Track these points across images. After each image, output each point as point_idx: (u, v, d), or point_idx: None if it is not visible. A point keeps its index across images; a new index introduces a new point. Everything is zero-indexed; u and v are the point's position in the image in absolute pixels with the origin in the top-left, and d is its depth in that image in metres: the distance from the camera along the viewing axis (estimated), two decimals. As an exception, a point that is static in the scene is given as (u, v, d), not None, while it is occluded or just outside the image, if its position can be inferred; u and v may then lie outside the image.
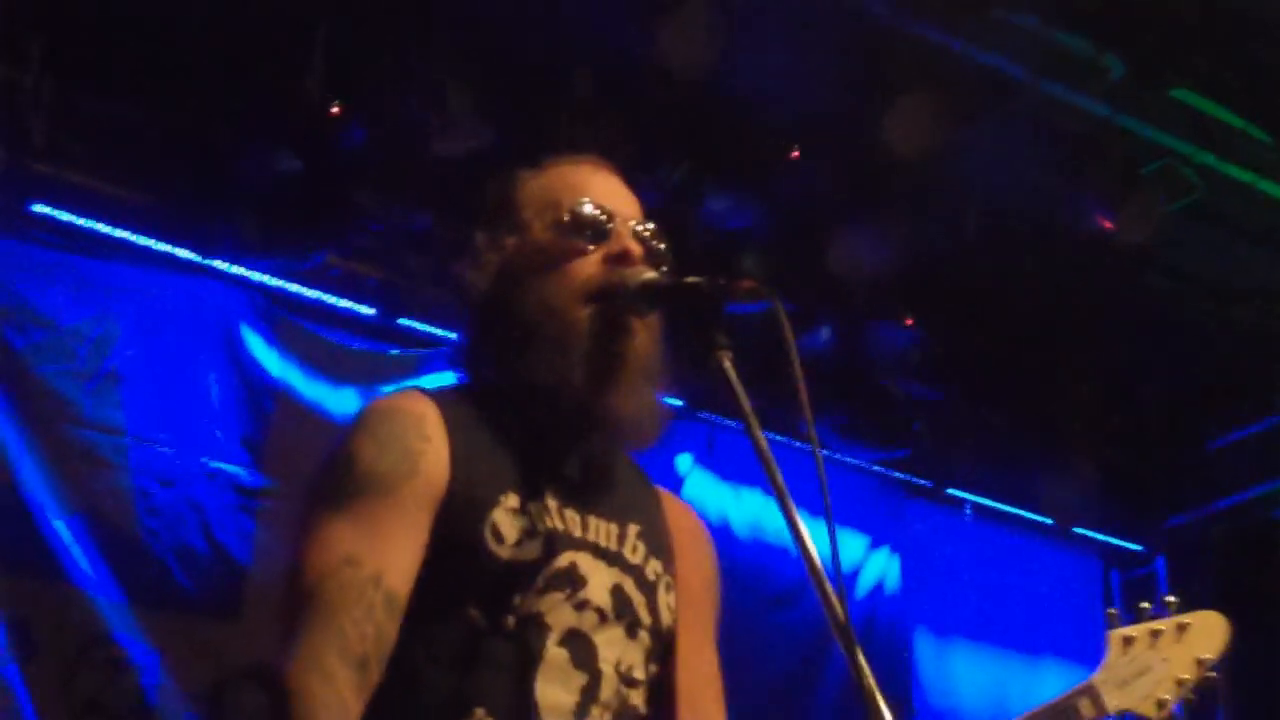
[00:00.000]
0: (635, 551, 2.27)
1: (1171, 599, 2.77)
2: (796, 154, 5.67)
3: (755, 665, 5.91)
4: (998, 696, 7.22)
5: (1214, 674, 2.69)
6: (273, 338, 5.51)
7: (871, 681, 1.81)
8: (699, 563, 2.41)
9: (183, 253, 5.46)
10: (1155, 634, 2.68)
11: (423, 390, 2.23)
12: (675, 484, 6.29)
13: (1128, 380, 7.01)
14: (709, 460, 6.41)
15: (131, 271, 5.32)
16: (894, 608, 6.93)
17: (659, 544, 2.32)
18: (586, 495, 2.24)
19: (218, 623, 5.08)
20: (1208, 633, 2.70)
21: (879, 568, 6.93)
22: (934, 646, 7.11)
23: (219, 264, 5.46)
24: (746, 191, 5.83)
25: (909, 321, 6.35)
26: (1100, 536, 7.74)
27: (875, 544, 6.95)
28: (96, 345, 5.13)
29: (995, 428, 6.82)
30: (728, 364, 2.06)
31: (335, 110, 5.08)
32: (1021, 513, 7.36)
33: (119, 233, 5.35)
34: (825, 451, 6.15)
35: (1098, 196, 5.87)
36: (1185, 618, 2.71)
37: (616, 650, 2.19)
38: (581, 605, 2.16)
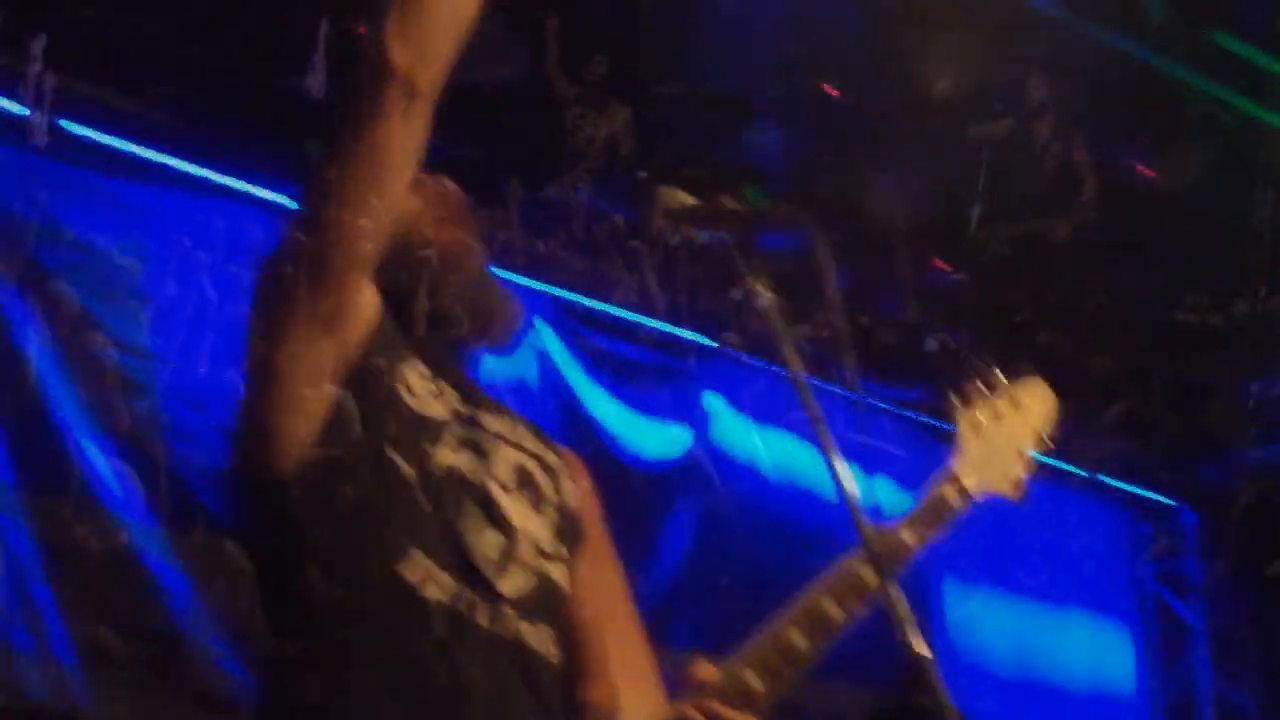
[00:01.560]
0: (530, 442, 2.30)
1: (1000, 377, 2.81)
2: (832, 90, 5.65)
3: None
4: (1024, 647, 7.21)
5: (1049, 441, 2.73)
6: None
7: (906, 612, 1.82)
8: (583, 473, 2.41)
9: (220, 178, 5.46)
10: (997, 414, 2.72)
11: None
12: (702, 423, 6.27)
13: (1159, 328, 6.97)
14: (737, 399, 6.39)
15: (167, 195, 5.33)
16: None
17: (548, 443, 2.36)
18: (474, 393, 2.30)
19: (247, 546, 5.07)
20: (1038, 400, 2.78)
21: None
22: (960, 595, 7.10)
23: (258, 190, 5.47)
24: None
25: (940, 264, 6.32)
26: (1129, 488, 7.70)
27: (903, 488, 6.92)
28: (130, 268, 5.14)
29: (1026, 374, 6.77)
30: (765, 297, 2.06)
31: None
32: (1050, 462, 7.31)
33: (155, 155, 5.35)
34: (855, 394, 6.12)
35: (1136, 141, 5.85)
36: (1016, 391, 2.78)
37: (526, 520, 2.20)
38: (488, 472, 2.18)
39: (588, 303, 6.24)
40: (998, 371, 2.82)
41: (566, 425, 5.90)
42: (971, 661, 6.99)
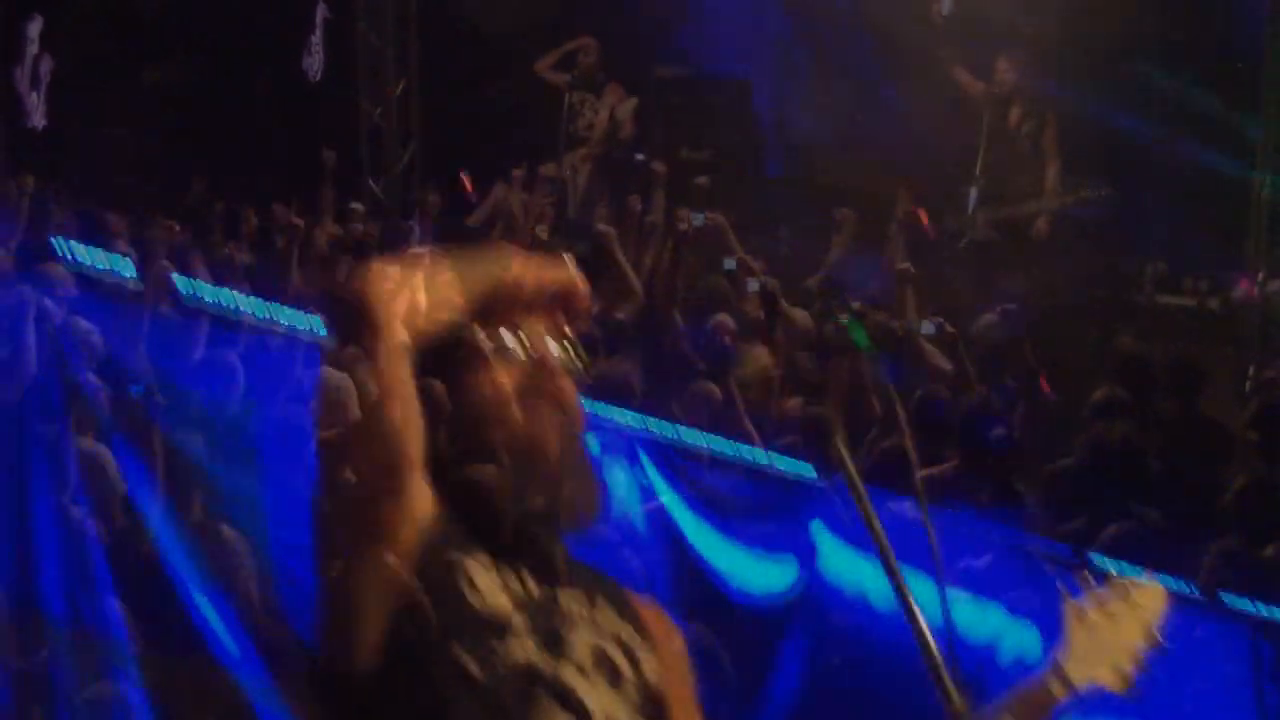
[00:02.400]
0: (608, 618, 2.30)
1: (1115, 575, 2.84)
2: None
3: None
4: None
5: (1161, 639, 2.70)
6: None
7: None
8: (668, 635, 2.41)
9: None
10: (1108, 611, 2.70)
11: None
12: (809, 555, 6.20)
13: (1274, 443, 6.83)
14: (844, 529, 6.32)
15: (278, 345, 5.42)
16: (1036, 680, 6.72)
17: (628, 614, 2.35)
18: (551, 571, 2.28)
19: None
20: (1151, 599, 2.74)
21: (1019, 639, 6.77)
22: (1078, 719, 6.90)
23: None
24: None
25: (1045, 387, 6.27)
26: (1249, 607, 7.49)
27: (1014, 613, 6.78)
28: (235, 415, 5.22)
29: (1137, 492, 6.67)
30: (844, 453, 2.22)
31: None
32: (1164, 580, 7.13)
33: (264, 308, 5.46)
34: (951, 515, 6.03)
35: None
36: (1129, 587, 2.76)
37: (603, 703, 2.20)
38: (562, 659, 2.19)
39: (691, 438, 6.24)
40: (1113, 571, 2.84)
41: (671, 563, 5.87)
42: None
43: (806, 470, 6.45)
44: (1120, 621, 2.70)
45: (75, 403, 5.26)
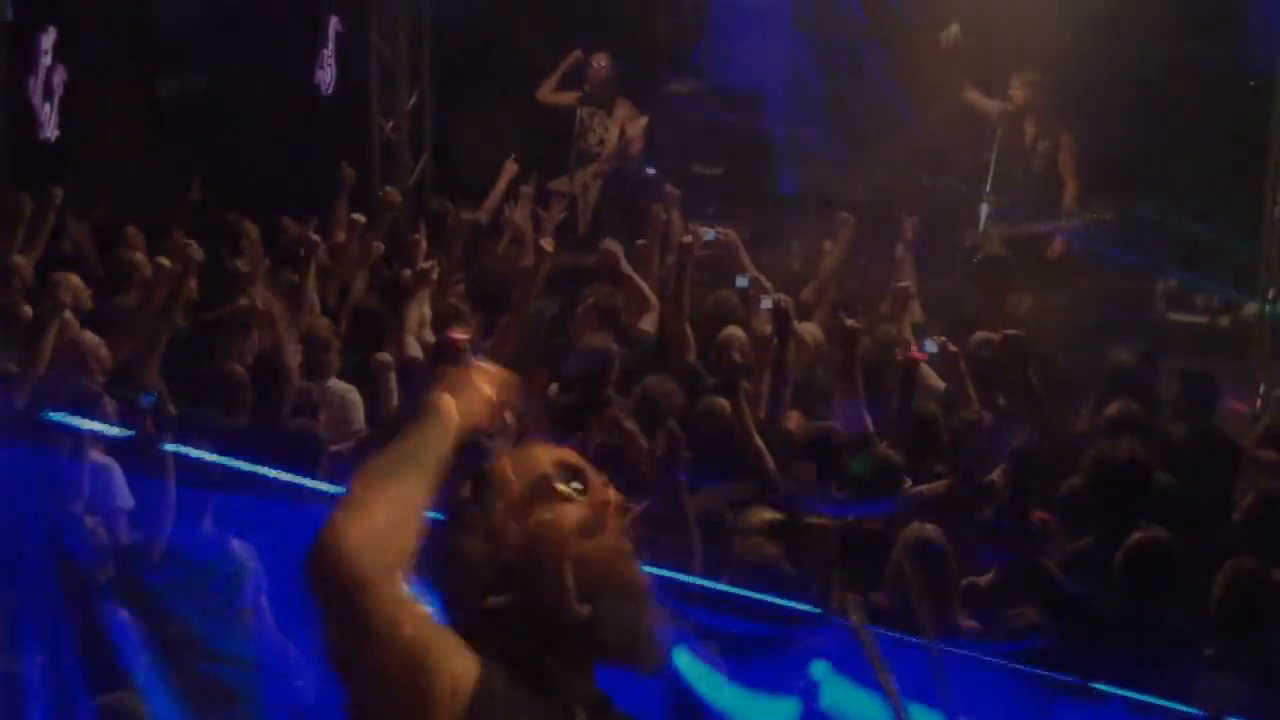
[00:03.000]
0: None
1: None
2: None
3: None
4: None
5: None
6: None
7: None
8: None
9: (309, 482, 5.54)
10: None
11: None
12: (811, 692, 6.10)
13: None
14: (845, 664, 6.23)
15: (263, 503, 5.38)
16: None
17: None
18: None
19: None
20: None
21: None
22: None
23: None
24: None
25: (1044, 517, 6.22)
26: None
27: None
28: (231, 580, 5.20)
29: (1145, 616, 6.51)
30: (854, 616, 2.32)
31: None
32: (1176, 706, 6.90)
33: (249, 465, 5.43)
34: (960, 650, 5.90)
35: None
36: None
37: None
38: None
39: (690, 579, 6.21)
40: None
41: (673, 706, 5.84)
42: None
43: (808, 608, 6.44)
44: None
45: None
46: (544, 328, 8.20)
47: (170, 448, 5.34)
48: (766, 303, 7.66)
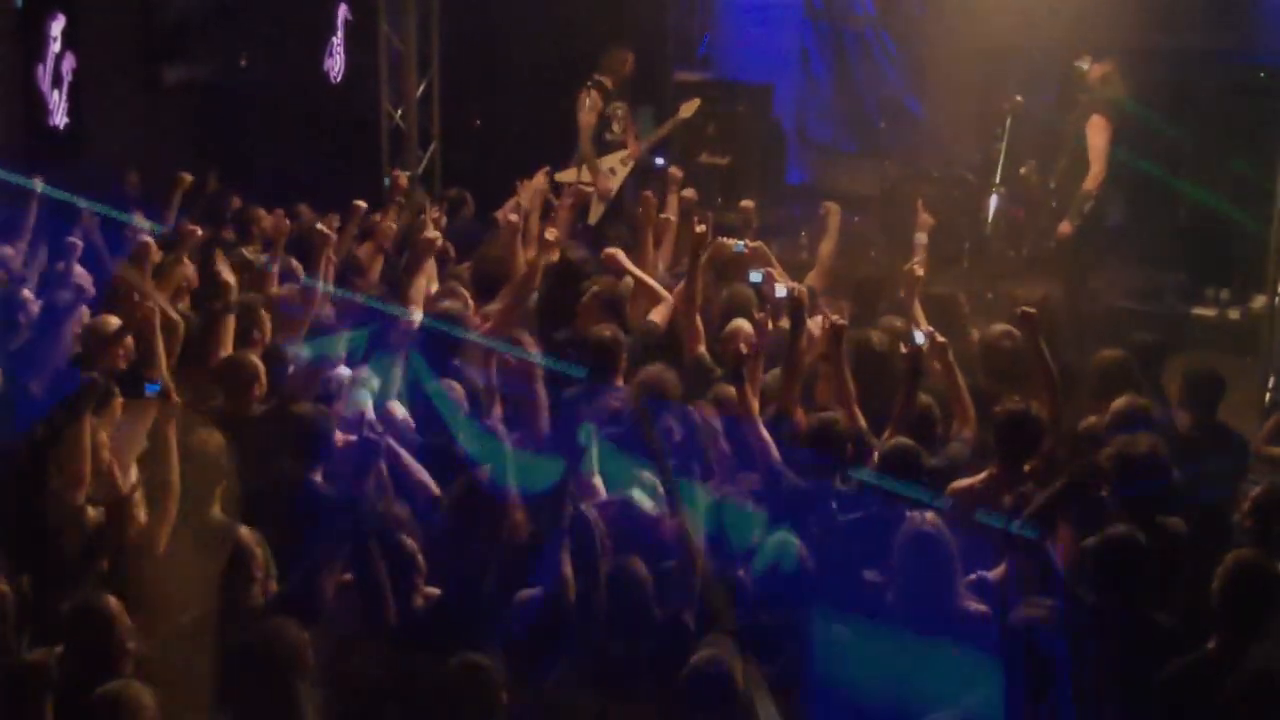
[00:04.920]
0: None
1: None
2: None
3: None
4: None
5: None
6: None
7: None
8: None
9: None
10: None
11: None
12: (576, 455, 5.96)
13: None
14: (613, 431, 6.16)
15: None
16: None
17: None
18: None
19: None
20: None
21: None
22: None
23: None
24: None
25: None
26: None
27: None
28: None
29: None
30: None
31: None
32: None
33: None
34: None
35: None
36: None
37: None
38: None
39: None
40: None
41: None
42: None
43: (579, 372, 6.81)
44: None
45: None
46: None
47: None
48: (781, 290, 7.60)
